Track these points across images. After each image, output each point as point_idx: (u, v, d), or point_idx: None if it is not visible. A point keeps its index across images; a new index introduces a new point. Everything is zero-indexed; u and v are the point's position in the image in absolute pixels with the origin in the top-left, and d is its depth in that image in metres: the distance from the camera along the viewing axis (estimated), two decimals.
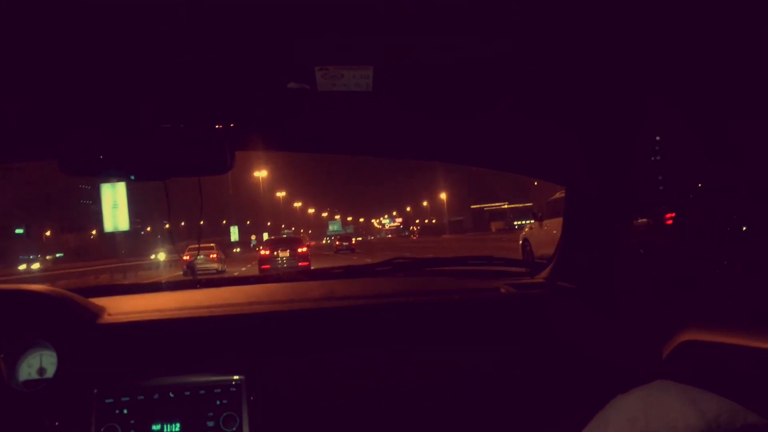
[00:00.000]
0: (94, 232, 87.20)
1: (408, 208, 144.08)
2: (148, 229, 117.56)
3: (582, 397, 1.17)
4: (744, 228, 1.66)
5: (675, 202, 1.84)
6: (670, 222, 1.94)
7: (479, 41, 1.25)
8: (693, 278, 1.63)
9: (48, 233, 77.02)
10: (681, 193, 1.69)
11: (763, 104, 1.16)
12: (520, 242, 15.64)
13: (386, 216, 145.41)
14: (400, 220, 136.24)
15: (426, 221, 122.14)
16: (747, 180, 1.44)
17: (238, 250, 57.51)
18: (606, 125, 1.64)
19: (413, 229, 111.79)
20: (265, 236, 71.81)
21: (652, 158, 1.56)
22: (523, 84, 1.51)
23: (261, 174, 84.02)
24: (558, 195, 13.88)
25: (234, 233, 61.25)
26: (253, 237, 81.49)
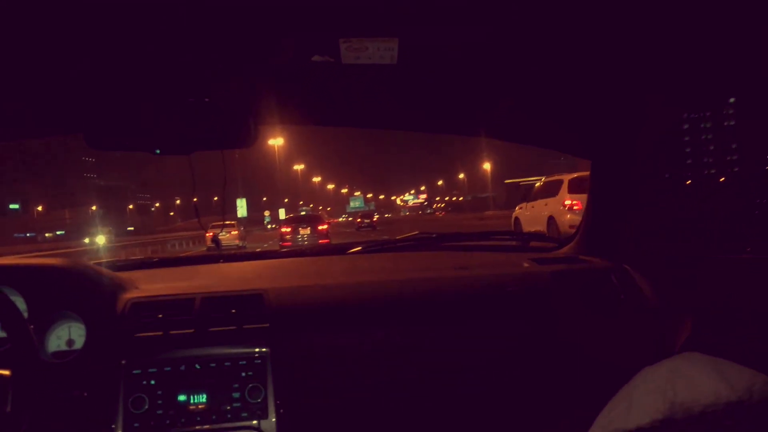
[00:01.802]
0: (94, 207, 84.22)
1: (440, 182, 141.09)
2: (157, 205, 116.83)
3: (606, 370, 1.17)
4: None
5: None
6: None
7: (507, 12, 1.24)
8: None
9: (39, 208, 73.28)
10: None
11: None
12: (512, 221, 16.63)
13: (410, 192, 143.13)
14: (424, 196, 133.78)
15: (450, 198, 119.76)
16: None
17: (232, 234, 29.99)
18: (632, 100, 1.62)
19: (436, 206, 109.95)
20: (281, 213, 68.19)
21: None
22: (552, 56, 1.49)
23: (276, 142, 71.96)
24: (542, 181, 15.77)
25: (241, 207, 46.49)
26: (267, 213, 73.65)
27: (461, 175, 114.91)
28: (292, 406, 1.56)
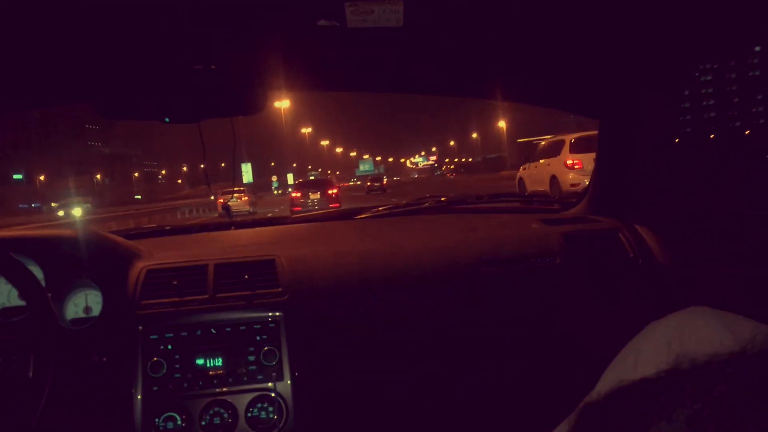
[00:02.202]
0: (98, 176, 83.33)
1: (452, 142, 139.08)
2: (163, 172, 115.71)
3: (618, 324, 1.19)
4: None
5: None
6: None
7: None
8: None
9: (42, 178, 71.49)
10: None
11: None
12: (516, 181, 17.21)
13: (420, 154, 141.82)
14: (434, 158, 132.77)
15: (459, 160, 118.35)
16: None
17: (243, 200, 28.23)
18: (641, 53, 1.61)
19: (445, 168, 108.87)
20: (290, 178, 66.91)
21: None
22: (557, 17, 1.48)
23: (283, 105, 64.17)
24: (544, 142, 16.41)
25: (247, 172, 41.20)
26: (274, 178, 72.55)
27: (474, 135, 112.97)
28: (307, 368, 1.59)
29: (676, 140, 1.73)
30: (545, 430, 0.80)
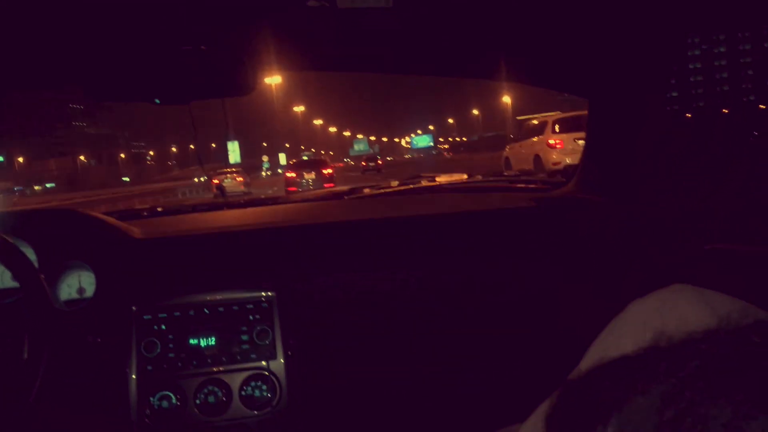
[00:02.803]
0: (82, 157, 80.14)
1: (450, 120, 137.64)
2: (151, 153, 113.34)
3: (604, 304, 1.20)
4: None
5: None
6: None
7: None
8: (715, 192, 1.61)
9: (21, 159, 68.98)
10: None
11: None
12: (503, 161, 17.74)
13: (416, 133, 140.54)
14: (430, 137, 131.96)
15: (454, 139, 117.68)
16: None
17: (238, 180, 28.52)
18: (629, 37, 1.61)
19: (441, 147, 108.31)
20: (282, 158, 64.77)
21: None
22: None
23: (274, 81, 58.49)
24: (528, 122, 17.25)
25: (233, 152, 38.08)
26: (265, 158, 67.80)
27: (475, 111, 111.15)
28: (299, 347, 1.61)
29: (666, 119, 1.72)
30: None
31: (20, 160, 69.73)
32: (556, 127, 14.43)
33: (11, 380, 1.29)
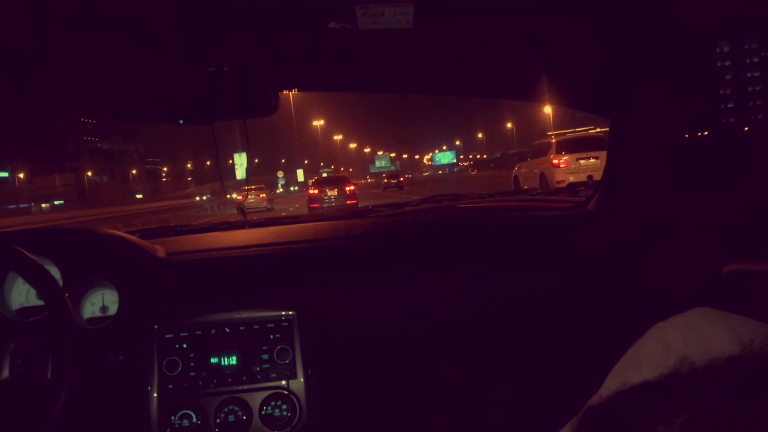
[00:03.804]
0: (89, 173, 77.68)
1: (480, 134, 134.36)
2: (165, 169, 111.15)
3: (624, 325, 1.19)
4: None
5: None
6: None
7: None
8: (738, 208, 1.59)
9: (21, 175, 65.69)
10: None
11: None
12: (512, 178, 18.85)
13: (439, 149, 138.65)
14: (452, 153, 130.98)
15: (475, 156, 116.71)
16: None
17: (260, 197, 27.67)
18: (649, 56, 1.60)
19: (462, 165, 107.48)
20: (300, 174, 62.38)
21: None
22: (567, 15, 1.48)
23: (292, 92, 57.78)
24: (538, 141, 18.21)
25: (241, 166, 31.29)
26: (280, 174, 62.96)
27: (509, 125, 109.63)
28: (320, 366, 1.60)
29: (686, 137, 1.71)
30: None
31: (21, 176, 66.58)
32: (560, 148, 15.38)
33: (34, 399, 1.30)
